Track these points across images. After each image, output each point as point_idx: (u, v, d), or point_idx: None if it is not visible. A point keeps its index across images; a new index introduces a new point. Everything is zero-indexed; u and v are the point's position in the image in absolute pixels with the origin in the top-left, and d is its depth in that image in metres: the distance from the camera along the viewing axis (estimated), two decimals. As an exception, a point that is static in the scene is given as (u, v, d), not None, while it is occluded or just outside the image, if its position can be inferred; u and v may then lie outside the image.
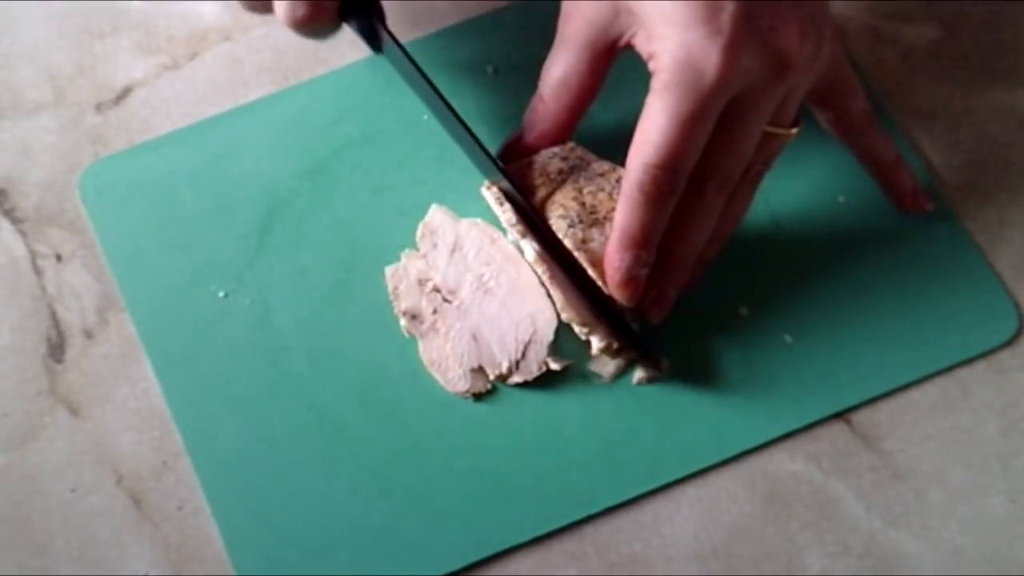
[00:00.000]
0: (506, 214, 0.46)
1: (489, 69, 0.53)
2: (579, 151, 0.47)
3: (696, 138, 0.41)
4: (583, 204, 0.45)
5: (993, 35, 0.55)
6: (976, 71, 0.54)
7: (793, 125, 0.44)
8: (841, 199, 0.51)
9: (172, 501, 0.47)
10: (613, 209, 0.45)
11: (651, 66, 0.41)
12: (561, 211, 0.45)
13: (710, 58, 0.39)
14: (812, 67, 0.42)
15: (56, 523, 0.47)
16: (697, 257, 0.46)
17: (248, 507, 0.46)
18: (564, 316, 0.45)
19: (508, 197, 0.46)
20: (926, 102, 0.54)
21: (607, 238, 0.44)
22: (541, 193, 0.46)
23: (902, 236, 0.50)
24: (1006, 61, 0.54)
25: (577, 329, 0.45)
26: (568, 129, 0.46)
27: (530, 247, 0.45)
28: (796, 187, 0.51)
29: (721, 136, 0.42)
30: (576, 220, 0.45)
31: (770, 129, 0.43)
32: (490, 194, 0.47)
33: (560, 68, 0.45)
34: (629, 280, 0.44)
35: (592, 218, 0.45)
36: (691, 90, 0.40)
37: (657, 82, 0.41)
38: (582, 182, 0.46)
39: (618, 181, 0.46)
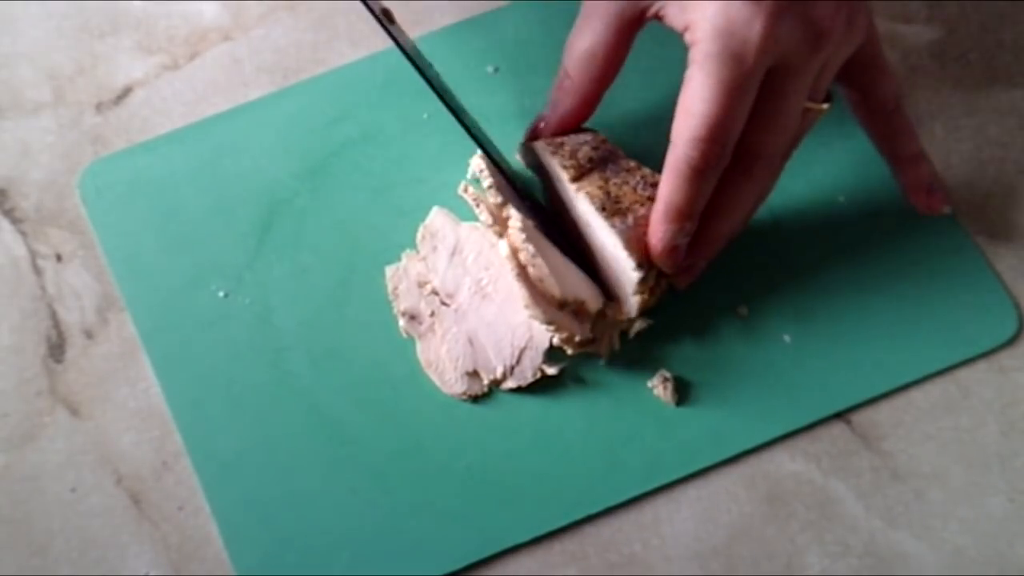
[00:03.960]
0: (483, 215, 0.46)
1: (489, 69, 0.53)
2: (609, 145, 0.47)
3: (741, 107, 0.40)
4: (608, 193, 0.45)
5: (993, 35, 0.55)
6: (976, 71, 0.54)
7: (825, 101, 0.44)
8: (842, 199, 0.51)
9: (172, 501, 0.47)
10: (636, 202, 0.45)
11: (687, 37, 0.41)
12: (587, 199, 0.45)
13: (752, 25, 0.39)
14: (846, 40, 0.42)
15: (56, 523, 0.47)
16: None
17: (248, 507, 0.46)
18: (529, 314, 0.45)
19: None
20: (926, 102, 0.54)
21: (628, 226, 0.44)
22: (570, 174, 0.46)
23: (902, 236, 0.50)
24: (1006, 61, 0.54)
25: (543, 327, 0.45)
26: (593, 103, 0.46)
27: (504, 245, 0.45)
28: (796, 187, 0.51)
29: (765, 110, 0.41)
30: (600, 208, 0.45)
31: (806, 104, 0.43)
32: (468, 196, 0.47)
33: (586, 41, 0.44)
34: (672, 250, 0.44)
35: (616, 207, 0.45)
36: (734, 58, 0.39)
37: (697, 52, 0.40)
38: (608, 173, 0.46)
39: (643, 178, 0.46)
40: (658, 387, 0.48)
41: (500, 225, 0.46)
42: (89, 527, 0.47)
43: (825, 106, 0.44)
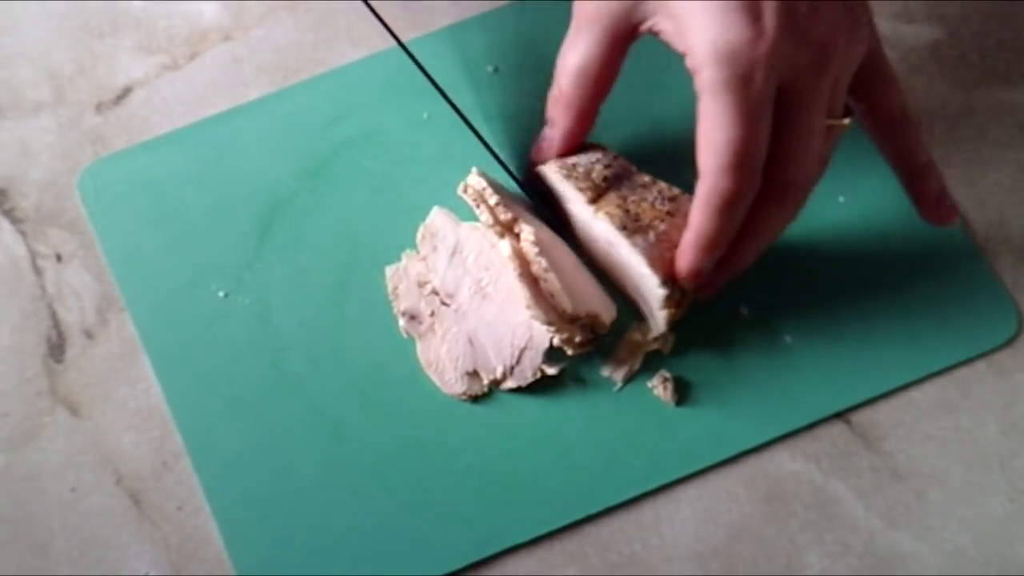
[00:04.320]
0: (483, 215, 0.46)
1: (489, 68, 0.53)
2: (621, 160, 0.47)
3: (761, 129, 0.40)
4: (627, 211, 0.45)
5: (993, 35, 0.55)
6: (976, 71, 0.54)
7: (844, 115, 0.44)
8: (841, 199, 0.51)
9: (172, 501, 0.47)
10: (656, 218, 0.45)
11: (689, 63, 0.40)
12: (607, 219, 0.45)
13: (756, 46, 0.39)
14: (850, 52, 0.41)
15: (56, 523, 0.47)
16: None
17: (248, 507, 0.46)
18: (531, 314, 0.45)
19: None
20: (926, 102, 0.54)
21: (650, 243, 0.44)
22: (588, 196, 0.46)
23: (902, 236, 0.50)
24: (1006, 61, 0.54)
25: (544, 328, 0.45)
26: (591, 118, 0.46)
27: (505, 245, 0.45)
28: (796, 187, 0.51)
29: (789, 137, 0.41)
30: (621, 227, 0.45)
31: (827, 121, 0.42)
32: (467, 196, 0.47)
33: (578, 56, 0.44)
34: (699, 274, 0.44)
35: (636, 225, 0.45)
36: (743, 82, 0.39)
37: (704, 81, 0.39)
38: (625, 191, 0.46)
39: (659, 193, 0.46)
40: (658, 387, 0.48)
41: (503, 228, 0.46)
42: (89, 527, 0.47)
43: (847, 121, 0.43)
